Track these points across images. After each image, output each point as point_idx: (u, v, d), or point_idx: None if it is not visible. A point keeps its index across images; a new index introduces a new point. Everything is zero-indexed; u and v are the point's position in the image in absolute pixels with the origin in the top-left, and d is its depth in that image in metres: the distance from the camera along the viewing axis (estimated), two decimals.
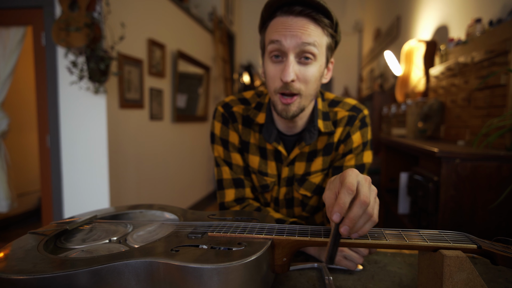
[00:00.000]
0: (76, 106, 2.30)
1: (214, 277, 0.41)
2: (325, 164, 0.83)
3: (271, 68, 0.71)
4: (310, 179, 0.84)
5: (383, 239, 0.48)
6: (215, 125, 0.87)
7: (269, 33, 0.71)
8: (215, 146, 0.87)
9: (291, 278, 0.58)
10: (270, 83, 0.73)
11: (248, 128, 0.85)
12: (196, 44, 4.00)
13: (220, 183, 0.86)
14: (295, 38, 0.66)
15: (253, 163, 0.85)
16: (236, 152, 0.86)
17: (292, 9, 0.67)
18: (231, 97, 0.88)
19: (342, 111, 0.83)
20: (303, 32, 0.66)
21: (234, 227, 0.54)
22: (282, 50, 0.68)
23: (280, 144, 0.81)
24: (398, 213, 1.89)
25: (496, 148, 1.32)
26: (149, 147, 2.94)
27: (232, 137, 0.86)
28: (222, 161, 0.86)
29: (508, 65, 1.23)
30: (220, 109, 0.86)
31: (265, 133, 0.81)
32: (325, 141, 0.82)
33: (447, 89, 1.78)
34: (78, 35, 2.02)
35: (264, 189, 0.86)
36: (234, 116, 0.85)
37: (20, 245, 0.52)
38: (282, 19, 0.68)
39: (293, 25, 0.67)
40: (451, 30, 2.19)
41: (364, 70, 5.81)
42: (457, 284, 0.43)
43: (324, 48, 0.71)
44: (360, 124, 0.82)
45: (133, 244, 0.54)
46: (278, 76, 0.70)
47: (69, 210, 2.39)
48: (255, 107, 0.85)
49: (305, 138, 0.79)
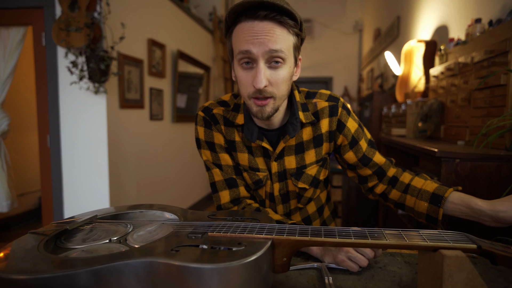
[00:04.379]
0: (76, 106, 2.30)
1: (214, 277, 0.41)
2: (319, 156, 0.86)
3: (242, 75, 0.72)
4: (306, 171, 0.85)
5: (383, 239, 0.48)
6: (199, 130, 0.87)
7: (236, 40, 0.71)
8: (202, 151, 0.88)
9: (291, 278, 0.58)
10: (243, 89, 0.74)
11: (231, 127, 0.86)
12: (196, 44, 4.00)
13: (214, 186, 0.87)
14: (263, 46, 0.67)
15: (242, 161, 0.86)
16: (223, 152, 0.87)
17: (256, 14, 0.67)
18: (209, 102, 0.90)
19: (321, 101, 0.84)
20: (270, 38, 0.67)
21: (234, 227, 0.54)
22: (252, 58, 0.69)
23: (264, 141, 0.82)
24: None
25: (496, 148, 1.32)
26: (149, 147, 2.94)
27: (217, 138, 0.86)
28: (212, 164, 0.87)
29: (507, 65, 1.23)
30: (201, 113, 0.87)
31: (246, 133, 0.82)
32: (311, 132, 0.84)
33: (447, 89, 1.79)
34: (78, 35, 2.02)
35: (257, 184, 0.86)
36: (215, 118, 0.86)
37: (21, 245, 0.52)
38: (247, 25, 0.68)
39: (260, 31, 0.67)
40: (451, 30, 2.19)
41: (364, 70, 5.81)
42: (457, 284, 0.43)
43: (292, 48, 0.72)
44: (345, 111, 0.85)
45: (133, 244, 0.54)
46: (250, 82, 0.71)
47: (69, 210, 2.39)
48: (233, 109, 0.86)
49: (288, 131, 0.80)
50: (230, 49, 0.76)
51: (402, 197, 0.84)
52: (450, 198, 0.75)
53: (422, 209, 0.79)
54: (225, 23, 0.73)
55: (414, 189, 0.81)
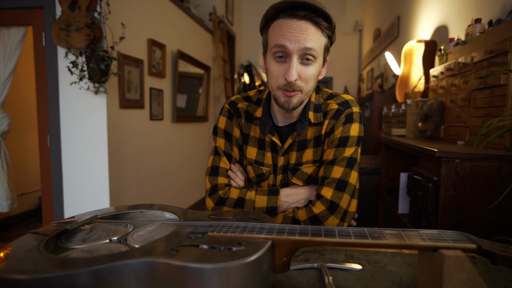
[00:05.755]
0: (77, 106, 2.30)
1: (215, 277, 0.41)
2: (316, 156, 0.89)
3: (275, 67, 0.78)
4: (302, 169, 0.89)
5: (383, 238, 0.48)
6: (221, 119, 0.95)
7: (273, 34, 0.77)
8: (218, 138, 0.95)
9: (291, 278, 0.58)
10: (273, 81, 0.80)
11: (250, 122, 0.94)
12: (196, 44, 4.00)
13: (215, 169, 0.92)
14: (298, 43, 0.73)
15: (250, 154, 0.93)
16: (236, 146, 0.95)
17: (296, 13, 0.73)
18: (236, 96, 0.98)
19: (333, 103, 0.88)
20: (306, 36, 0.73)
21: (234, 227, 0.55)
22: (286, 53, 0.75)
23: (275, 135, 0.88)
24: (398, 213, 1.89)
25: (495, 148, 1.32)
26: (149, 147, 2.94)
27: (235, 132, 0.94)
28: (223, 152, 0.94)
29: (507, 65, 1.23)
30: (227, 106, 0.96)
31: (261, 126, 0.88)
32: (314, 132, 0.88)
33: (446, 89, 1.79)
34: (78, 35, 2.02)
35: (260, 177, 0.92)
36: (239, 112, 0.94)
37: (21, 245, 0.52)
38: (286, 22, 0.74)
39: (297, 29, 0.73)
40: (451, 30, 2.20)
41: (364, 70, 5.81)
42: (456, 284, 0.43)
43: (323, 49, 0.78)
44: (345, 119, 0.86)
45: (134, 244, 0.54)
46: (282, 75, 0.77)
47: (69, 210, 2.39)
48: (255, 102, 0.94)
49: (296, 129, 0.86)
50: (265, 42, 0.82)
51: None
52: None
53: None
54: (264, 17, 0.79)
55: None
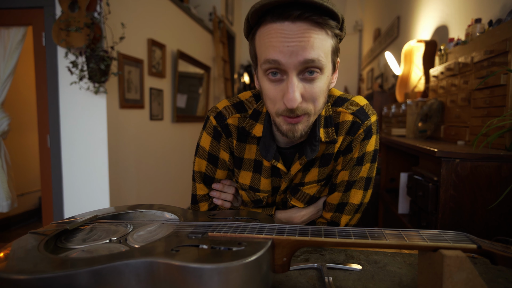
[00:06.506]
0: (76, 106, 2.30)
1: (215, 277, 0.41)
2: (321, 175, 0.76)
3: (270, 88, 0.59)
4: (303, 189, 0.77)
5: (383, 239, 0.48)
6: (204, 138, 0.76)
7: (261, 45, 0.58)
8: (198, 160, 0.78)
9: (291, 278, 0.58)
10: (270, 105, 0.61)
11: (244, 142, 0.75)
12: (196, 44, 4.00)
13: (194, 198, 0.81)
14: (295, 55, 0.54)
15: (243, 179, 0.77)
16: (223, 169, 0.79)
17: (287, 13, 0.53)
18: (224, 103, 0.76)
19: (347, 113, 0.71)
20: (305, 44, 0.54)
21: (234, 227, 0.55)
22: (281, 69, 0.56)
23: (280, 161, 0.71)
24: (398, 213, 1.89)
25: (496, 148, 1.32)
26: (149, 147, 2.94)
27: (223, 155, 0.76)
28: (199, 178, 0.79)
29: (507, 65, 1.23)
30: (213, 120, 0.75)
31: (262, 149, 0.70)
32: (324, 149, 0.73)
33: (447, 89, 1.79)
34: (78, 35, 2.02)
35: (257, 203, 0.80)
36: (228, 130, 0.74)
37: (21, 245, 0.52)
38: (275, 27, 0.54)
39: (292, 36, 0.53)
40: (451, 30, 2.20)
41: (364, 70, 5.81)
42: (457, 284, 0.43)
43: (330, 54, 0.59)
44: (363, 136, 0.70)
45: (134, 244, 0.54)
46: (280, 98, 0.58)
47: (69, 210, 2.39)
48: (252, 115, 0.73)
49: (306, 153, 0.69)
50: (252, 54, 0.63)
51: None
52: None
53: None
54: (246, 22, 0.59)
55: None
